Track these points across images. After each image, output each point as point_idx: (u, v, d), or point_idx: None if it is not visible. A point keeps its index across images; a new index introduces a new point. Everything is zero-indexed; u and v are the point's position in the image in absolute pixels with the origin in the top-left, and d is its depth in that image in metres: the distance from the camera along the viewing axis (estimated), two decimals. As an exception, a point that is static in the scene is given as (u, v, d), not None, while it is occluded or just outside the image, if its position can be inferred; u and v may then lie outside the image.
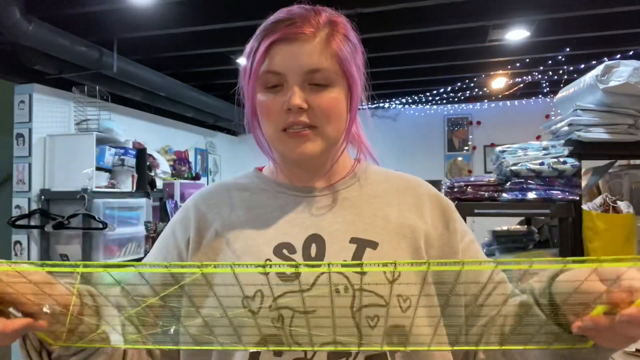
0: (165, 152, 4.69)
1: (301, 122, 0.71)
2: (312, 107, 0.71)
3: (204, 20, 3.04)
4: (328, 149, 0.75)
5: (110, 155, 3.39)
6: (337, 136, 0.75)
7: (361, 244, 0.72)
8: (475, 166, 5.93)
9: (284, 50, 0.71)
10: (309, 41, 0.71)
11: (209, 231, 0.77)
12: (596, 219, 1.76)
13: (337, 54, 0.72)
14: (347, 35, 0.75)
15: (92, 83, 3.45)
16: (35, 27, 2.65)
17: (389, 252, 0.72)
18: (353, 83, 0.74)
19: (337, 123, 0.74)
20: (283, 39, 0.71)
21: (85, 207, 3.11)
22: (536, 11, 2.99)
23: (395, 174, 0.86)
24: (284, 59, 0.71)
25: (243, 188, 0.82)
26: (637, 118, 1.81)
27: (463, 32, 3.44)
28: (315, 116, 0.71)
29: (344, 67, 0.73)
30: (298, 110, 0.70)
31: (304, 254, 0.71)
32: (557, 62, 4.05)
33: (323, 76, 0.71)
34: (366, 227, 0.74)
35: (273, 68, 0.71)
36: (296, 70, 0.70)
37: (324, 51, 0.71)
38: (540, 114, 5.31)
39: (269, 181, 0.82)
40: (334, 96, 0.72)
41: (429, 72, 4.47)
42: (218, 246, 0.75)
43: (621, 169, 2.12)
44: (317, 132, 0.72)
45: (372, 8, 2.75)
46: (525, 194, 1.79)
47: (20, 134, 3.33)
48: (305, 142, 0.72)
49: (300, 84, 0.71)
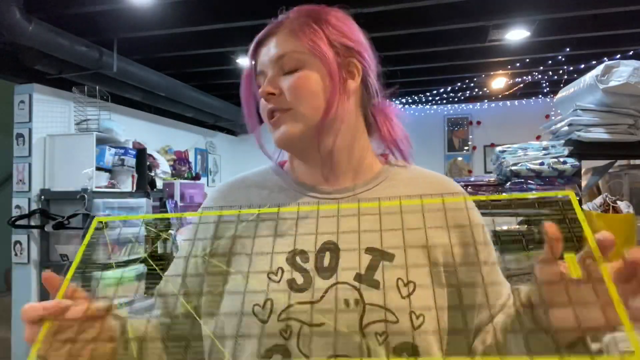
0: (165, 152, 4.69)
1: (274, 107, 0.74)
2: (284, 91, 0.73)
3: (204, 20, 3.04)
4: (307, 129, 0.73)
5: (110, 155, 3.39)
6: (313, 114, 0.73)
7: (377, 255, 0.69)
8: (475, 166, 5.93)
9: (263, 50, 0.76)
10: (278, 34, 0.75)
11: (227, 231, 0.76)
12: (596, 219, 1.76)
13: (297, 34, 0.73)
14: (316, 16, 0.75)
15: (92, 83, 3.45)
16: (35, 27, 2.65)
17: (405, 265, 0.69)
18: (322, 59, 0.73)
19: (310, 101, 0.73)
20: (260, 41, 0.77)
21: (85, 207, 3.10)
22: (536, 11, 2.99)
23: (425, 176, 0.81)
24: (262, 56, 0.76)
25: (262, 186, 0.81)
26: (637, 118, 1.81)
27: (463, 32, 3.44)
28: (286, 98, 0.73)
29: (313, 49, 0.73)
30: (269, 97, 0.73)
31: (317, 263, 0.69)
32: (557, 62, 4.05)
33: (290, 59, 0.73)
34: (384, 236, 0.70)
35: (259, 68, 0.77)
36: (268, 62, 0.74)
37: (288, 38, 0.74)
38: (540, 114, 5.31)
39: (288, 180, 0.80)
40: (301, 75, 0.73)
41: (429, 72, 4.47)
42: (234, 248, 0.74)
43: (621, 169, 2.12)
44: (291, 113, 0.73)
45: (372, 8, 2.75)
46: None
47: (20, 134, 3.33)
48: (279, 125, 0.74)
49: (274, 75, 0.74)
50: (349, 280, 0.66)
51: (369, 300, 0.64)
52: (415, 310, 0.65)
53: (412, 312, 0.65)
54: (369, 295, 0.65)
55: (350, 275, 0.66)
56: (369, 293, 0.65)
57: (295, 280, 0.67)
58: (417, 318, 0.65)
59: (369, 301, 0.64)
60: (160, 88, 3.94)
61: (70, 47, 2.94)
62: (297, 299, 0.65)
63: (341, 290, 0.65)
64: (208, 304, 0.72)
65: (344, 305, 0.64)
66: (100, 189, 3.28)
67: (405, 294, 0.65)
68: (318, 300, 0.65)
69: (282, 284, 0.67)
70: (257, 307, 0.66)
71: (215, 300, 0.71)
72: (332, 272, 0.67)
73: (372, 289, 0.65)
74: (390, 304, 0.64)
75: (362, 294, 0.65)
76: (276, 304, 0.65)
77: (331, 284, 0.66)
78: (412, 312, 0.65)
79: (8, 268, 3.99)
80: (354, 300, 0.65)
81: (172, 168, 4.64)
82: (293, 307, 0.65)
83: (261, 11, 2.83)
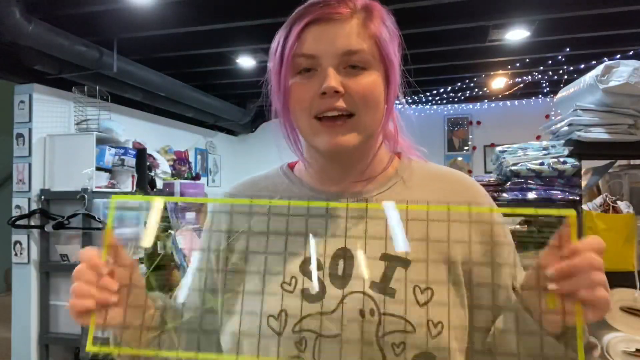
0: (165, 152, 4.69)
1: (337, 107, 0.65)
2: (348, 92, 0.65)
3: (204, 20, 3.04)
4: (364, 141, 0.68)
5: (110, 155, 3.39)
6: (373, 127, 0.69)
7: (392, 261, 0.66)
8: (475, 166, 5.93)
9: (317, 31, 0.66)
10: (344, 22, 0.66)
11: (237, 241, 0.73)
12: (596, 219, 1.76)
13: (376, 36, 0.67)
14: (384, 20, 0.70)
15: (92, 83, 3.45)
16: (35, 27, 2.65)
17: (423, 272, 0.65)
18: (391, 68, 0.68)
19: (375, 111, 0.67)
20: (317, 19, 0.66)
21: (85, 207, 3.10)
22: (536, 11, 2.99)
23: (441, 173, 0.77)
24: (318, 40, 0.65)
25: (273, 189, 0.77)
26: (637, 118, 1.81)
27: (463, 32, 3.43)
28: (352, 101, 0.65)
29: (382, 51, 0.67)
30: (334, 95, 0.64)
31: (331, 272, 0.66)
32: (557, 62, 4.05)
33: (360, 58, 0.65)
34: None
35: (305, 50, 0.66)
36: (331, 52, 0.65)
37: (361, 33, 0.66)
38: (540, 114, 5.31)
39: (300, 183, 0.76)
40: (372, 80, 0.66)
41: (429, 72, 4.47)
42: (246, 257, 0.72)
43: (621, 169, 2.12)
44: (353, 121, 0.66)
45: (372, 8, 2.75)
46: (525, 194, 1.80)
47: (20, 134, 3.33)
48: (340, 133, 0.66)
49: (335, 67, 0.65)
50: (364, 289, 0.64)
51: (385, 310, 0.62)
52: (432, 318, 0.63)
53: (430, 320, 0.62)
54: (385, 305, 0.63)
55: (366, 284, 0.64)
56: (384, 302, 0.63)
57: (309, 289, 0.65)
58: (434, 327, 0.62)
59: (385, 311, 0.62)
60: (160, 88, 3.94)
61: (70, 47, 2.94)
62: (312, 309, 0.64)
63: (356, 300, 0.63)
64: (226, 302, 0.71)
65: (359, 315, 0.62)
66: (100, 189, 3.28)
67: (422, 301, 0.63)
68: (333, 311, 0.63)
69: (296, 293, 0.65)
70: (271, 319, 0.64)
71: (233, 298, 0.70)
72: (346, 280, 0.65)
73: (388, 298, 0.63)
74: (407, 313, 0.62)
75: (378, 304, 0.63)
76: (290, 315, 0.64)
77: (346, 293, 0.64)
78: (429, 320, 0.62)
79: (8, 268, 3.99)
80: (370, 310, 0.63)
81: (172, 168, 4.64)
82: (307, 318, 0.63)
83: (261, 11, 2.83)
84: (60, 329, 3.27)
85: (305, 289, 0.65)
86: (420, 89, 5.15)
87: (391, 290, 0.64)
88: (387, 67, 0.68)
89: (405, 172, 0.75)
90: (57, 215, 3.21)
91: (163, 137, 4.82)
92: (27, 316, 3.26)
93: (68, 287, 0.60)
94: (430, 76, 4.58)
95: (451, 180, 0.75)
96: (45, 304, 3.26)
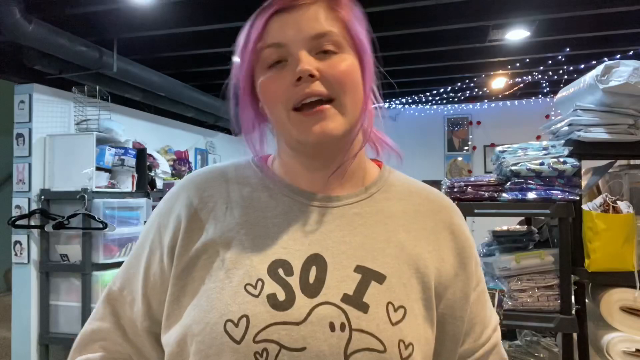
0: (165, 152, 4.68)
1: (315, 92, 0.60)
2: (324, 76, 0.61)
3: (204, 20, 3.04)
4: (348, 129, 0.64)
5: (110, 155, 3.38)
6: (355, 113, 0.64)
7: (367, 274, 0.62)
8: (475, 166, 5.93)
9: (283, 19, 0.62)
10: (310, 6, 0.62)
11: (199, 233, 0.66)
12: (596, 219, 1.76)
13: (343, 18, 0.64)
14: (352, 7, 0.67)
15: (92, 83, 3.45)
16: (35, 27, 2.65)
17: (397, 289, 0.62)
18: (363, 51, 0.65)
19: (355, 94, 0.63)
20: (281, 9, 0.62)
21: (85, 207, 3.10)
22: (536, 11, 2.99)
23: (419, 189, 0.74)
24: (285, 28, 0.62)
25: (244, 182, 0.70)
26: (637, 118, 1.81)
27: (463, 32, 3.44)
28: (330, 85, 0.61)
29: (353, 33, 0.64)
30: (309, 79, 0.60)
31: (301, 278, 0.61)
32: (557, 62, 4.05)
33: (331, 40, 0.62)
34: (376, 254, 0.64)
35: (272, 40, 0.62)
36: (300, 37, 0.61)
37: (328, 15, 0.63)
38: (540, 114, 5.32)
39: (274, 177, 0.70)
40: (349, 62, 0.62)
41: (429, 72, 4.47)
42: (207, 253, 0.65)
43: (621, 169, 2.12)
44: (335, 105, 0.61)
45: (372, 8, 2.75)
46: (525, 194, 1.79)
47: (20, 134, 3.33)
48: (325, 119, 0.61)
49: (307, 52, 0.61)
50: (336, 301, 0.60)
51: (356, 326, 0.58)
52: (404, 339, 0.59)
53: (402, 340, 0.59)
54: (357, 320, 0.59)
55: (338, 296, 0.60)
56: (356, 317, 0.59)
57: (276, 295, 0.59)
58: (406, 348, 0.59)
59: (357, 327, 0.58)
60: (160, 88, 3.93)
61: (70, 47, 2.94)
62: (277, 318, 0.58)
63: (327, 312, 0.59)
64: (169, 312, 0.65)
65: (329, 328, 0.58)
66: (100, 189, 3.28)
67: (395, 320, 0.60)
68: (300, 322, 0.58)
69: (262, 298, 0.59)
70: (230, 324, 0.58)
71: (179, 308, 0.64)
72: (317, 289, 0.60)
73: (360, 313, 0.59)
74: (379, 331, 0.59)
75: (350, 318, 0.59)
76: (253, 322, 0.57)
77: (316, 304, 0.59)
78: (401, 341, 0.59)
79: (8, 268, 3.99)
80: (340, 324, 0.58)
81: (172, 168, 4.64)
82: (272, 327, 0.57)
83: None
84: (60, 329, 3.26)
85: (271, 294, 0.59)
86: (420, 88, 5.17)
87: (364, 305, 0.60)
88: (359, 50, 0.64)
89: (385, 183, 0.72)
90: (57, 215, 3.21)
91: (163, 137, 4.81)
92: (27, 316, 3.26)
93: (68, 287, 0.60)
94: (430, 76, 4.57)
95: (430, 198, 0.73)
96: (45, 304, 3.26)
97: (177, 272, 0.65)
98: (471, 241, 0.72)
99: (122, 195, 3.45)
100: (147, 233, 0.73)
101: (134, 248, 0.75)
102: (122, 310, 0.71)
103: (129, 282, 0.72)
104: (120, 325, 0.71)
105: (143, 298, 0.69)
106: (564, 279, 1.74)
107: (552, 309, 1.75)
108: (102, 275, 3.19)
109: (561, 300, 1.74)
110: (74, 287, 3.21)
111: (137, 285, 0.70)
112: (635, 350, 1.69)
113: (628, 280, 1.75)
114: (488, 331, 0.72)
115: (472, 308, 0.69)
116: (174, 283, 0.65)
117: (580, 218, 1.81)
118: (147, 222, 0.75)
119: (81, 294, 3.14)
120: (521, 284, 1.79)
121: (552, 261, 1.79)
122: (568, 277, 1.74)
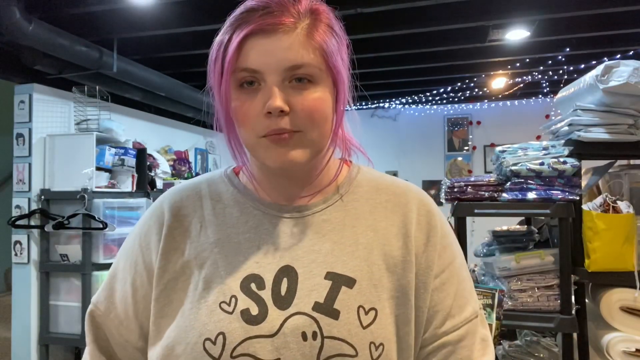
0: (165, 152, 4.68)
1: (283, 129, 0.61)
2: (294, 110, 0.62)
3: (204, 20, 3.04)
4: (314, 156, 0.66)
5: (110, 155, 3.39)
6: (322, 142, 0.66)
7: (337, 280, 0.64)
8: (475, 166, 5.93)
9: (260, 44, 0.61)
10: (288, 33, 0.61)
11: (175, 254, 0.69)
12: (596, 219, 1.75)
13: (322, 47, 0.63)
14: (332, 25, 0.66)
15: (92, 83, 3.45)
16: (35, 27, 2.65)
17: (368, 291, 0.64)
18: (339, 80, 0.65)
19: (323, 127, 0.65)
20: (258, 30, 0.61)
21: (85, 207, 3.10)
22: (536, 11, 2.99)
23: (386, 184, 0.74)
24: (260, 54, 0.61)
25: (216, 197, 0.73)
26: (637, 118, 1.81)
27: (463, 32, 3.44)
28: (299, 119, 0.62)
29: (329, 62, 0.64)
30: (279, 114, 0.61)
31: (273, 291, 0.63)
32: (557, 62, 4.05)
33: (306, 72, 0.62)
34: (346, 258, 0.66)
35: (248, 65, 0.62)
36: (274, 66, 0.61)
37: (306, 44, 0.62)
38: (540, 114, 5.32)
39: (245, 191, 0.72)
40: (319, 96, 0.63)
41: (429, 72, 4.47)
42: (185, 275, 0.67)
43: (621, 169, 2.12)
44: (301, 137, 0.63)
45: (372, 8, 2.75)
46: (525, 194, 1.79)
47: (20, 134, 3.33)
48: (289, 149, 0.63)
49: (279, 83, 0.61)
50: (307, 310, 0.62)
51: (328, 333, 0.61)
52: (375, 340, 0.61)
53: (372, 342, 0.61)
54: (328, 327, 0.61)
55: (309, 305, 0.62)
56: (328, 324, 0.61)
57: (249, 310, 0.62)
58: (376, 349, 0.61)
59: (328, 334, 0.61)
60: (160, 88, 3.93)
61: (70, 47, 2.94)
62: (251, 332, 0.61)
63: (299, 322, 0.61)
64: (152, 331, 0.68)
65: (302, 338, 0.60)
66: (100, 189, 3.28)
67: (366, 323, 0.62)
68: (274, 334, 0.61)
69: (236, 314, 0.62)
70: (208, 342, 0.61)
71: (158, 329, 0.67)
72: (289, 301, 0.63)
73: (331, 320, 0.61)
74: (350, 336, 0.61)
75: (321, 326, 0.61)
76: (229, 339, 0.60)
77: (288, 315, 0.62)
78: (372, 343, 0.61)
79: (8, 268, 3.99)
80: (312, 333, 0.61)
81: (172, 168, 4.64)
82: (247, 341, 0.60)
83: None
84: (60, 329, 3.27)
85: (245, 309, 0.62)
86: (420, 88, 5.18)
87: (335, 311, 0.62)
88: (335, 78, 0.65)
89: (351, 185, 0.73)
90: (57, 215, 3.22)
91: (163, 137, 4.81)
92: (27, 316, 3.26)
93: (68, 287, 0.61)
94: (430, 76, 4.58)
95: (396, 193, 0.73)
96: (45, 304, 3.26)
97: (156, 294, 0.68)
98: (438, 229, 0.71)
99: (122, 195, 3.45)
100: (130, 255, 0.74)
101: (113, 267, 0.76)
102: (109, 333, 0.73)
103: (115, 305, 0.73)
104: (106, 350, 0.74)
105: (135, 320, 0.71)
106: (564, 279, 1.74)
107: (552, 309, 1.75)
108: (102, 275, 3.19)
109: (561, 300, 1.74)
110: (74, 287, 3.21)
111: (126, 307, 0.72)
112: (635, 350, 1.69)
113: (628, 280, 1.75)
114: (454, 321, 0.68)
115: (433, 296, 0.68)
116: (154, 305, 0.68)
117: (580, 218, 1.81)
118: (125, 242, 0.76)
119: (81, 294, 3.14)
120: (521, 284, 1.79)
121: (552, 261, 1.79)
122: (568, 277, 1.74)
